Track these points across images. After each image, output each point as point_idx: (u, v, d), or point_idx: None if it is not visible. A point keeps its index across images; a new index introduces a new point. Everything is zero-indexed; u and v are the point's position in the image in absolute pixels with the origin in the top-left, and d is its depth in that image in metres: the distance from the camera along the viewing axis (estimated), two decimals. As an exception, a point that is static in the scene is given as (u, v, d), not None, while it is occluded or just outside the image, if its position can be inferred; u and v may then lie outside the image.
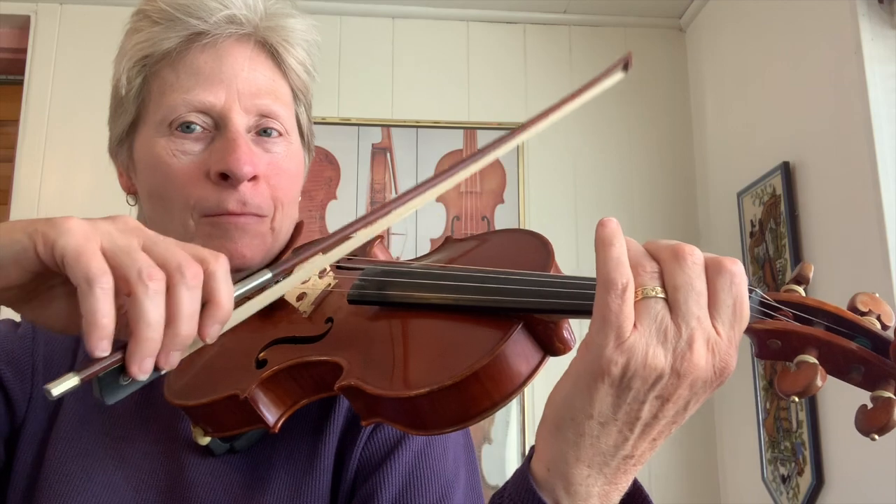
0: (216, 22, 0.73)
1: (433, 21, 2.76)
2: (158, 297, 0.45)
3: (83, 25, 2.63)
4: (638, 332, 0.46)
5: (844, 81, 1.86)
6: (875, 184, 1.73)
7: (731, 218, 2.42)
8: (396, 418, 0.56)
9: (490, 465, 2.43)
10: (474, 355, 0.52)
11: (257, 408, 0.61)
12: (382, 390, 0.54)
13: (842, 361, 0.49)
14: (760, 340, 0.50)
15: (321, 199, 2.58)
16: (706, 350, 0.47)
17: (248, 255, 0.73)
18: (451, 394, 0.52)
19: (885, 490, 1.67)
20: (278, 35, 0.78)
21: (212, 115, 0.73)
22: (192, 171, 0.72)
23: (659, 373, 0.46)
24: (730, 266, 0.48)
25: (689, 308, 0.47)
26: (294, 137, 0.79)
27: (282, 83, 0.79)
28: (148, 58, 0.75)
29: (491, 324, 0.55)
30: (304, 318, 0.68)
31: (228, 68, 0.74)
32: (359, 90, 2.69)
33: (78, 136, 2.54)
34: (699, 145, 2.73)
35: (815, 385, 0.47)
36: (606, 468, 0.49)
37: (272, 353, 0.64)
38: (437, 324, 0.58)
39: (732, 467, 2.43)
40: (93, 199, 2.49)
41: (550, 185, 2.68)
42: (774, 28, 2.23)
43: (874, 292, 0.53)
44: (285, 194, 0.76)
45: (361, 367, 0.57)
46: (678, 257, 0.48)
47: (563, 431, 0.49)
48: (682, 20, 2.81)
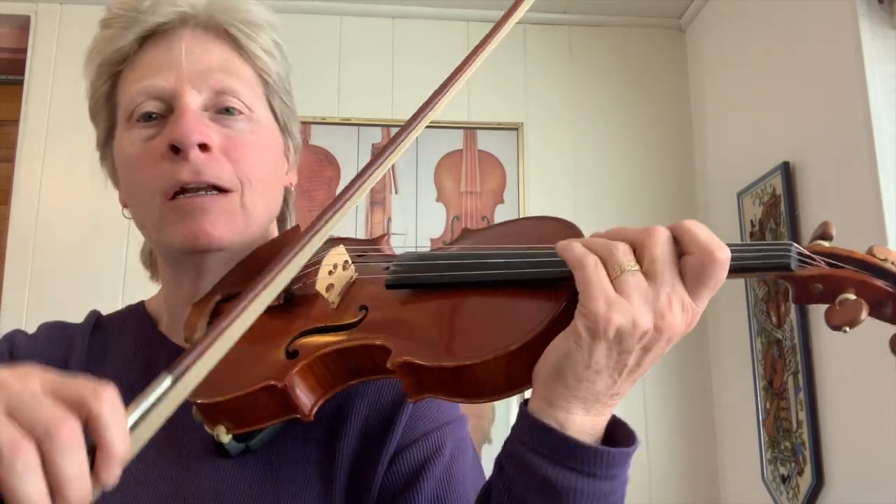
0: (166, 16, 0.75)
1: (433, 21, 2.76)
2: (31, 472, 0.39)
3: (83, 25, 2.62)
4: (623, 297, 0.54)
5: (844, 81, 1.86)
6: (875, 184, 1.73)
7: (731, 218, 2.42)
8: (450, 390, 0.59)
9: (490, 466, 2.43)
10: (535, 320, 0.57)
11: (294, 395, 0.62)
12: (440, 361, 0.57)
13: (874, 297, 0.57)
14: (802, 285, 0.58)
15: (321, 199, 2.58)
16: (681, 310, 0.55)
17: (215, 234, 0.71)
18: (514, 357, 0.56)
19: (885, 490, 1.67)
20: (232, 18, 0.77)
21: (164, 98, 0.73)
22: (150, 154, 0.72)
23: (644, 330, 0.54)
24: (690, 227, 0.56)
25: (665, 276, 0.55)
26: (261, 117, 0.78)
27: (241, 64, 0.77)
28: (108, 62, 0.77)
29: (542, 294, 0.59)
30: (331, 308, 0.68)
31: (178, 53, 0.74)
32: (359, 90, 2.69)
33: (78, 135, 2.53)
34: (699, 145, 2.73)
35: (861, 317, 0.56)
36: (598, 403, 0.57)
37: (303, 344, 0.65)
38: (485, 299, 0.61)
39: (732, 467, 2.43)
40: (93, 199, 2.49)
41: (550, 185, 2.68)
42: (774, 28, 2.23)
43: (886, 245, 0.64)
44: (252, 170, 0.74)
45: (411, 344, 0.59)
46: (650, 235, 0.56)
47: (563, 377, 0.56)
48: (682, 20, 2.81)
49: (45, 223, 2.50)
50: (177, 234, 0.72)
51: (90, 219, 2.48)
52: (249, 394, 0.63)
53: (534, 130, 2.72)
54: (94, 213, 2.47)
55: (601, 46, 2.80)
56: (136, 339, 0.82)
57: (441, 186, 2.67)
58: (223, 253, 0.74)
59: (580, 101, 2.75)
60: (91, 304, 1.02)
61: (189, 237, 0.71)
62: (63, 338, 0.82)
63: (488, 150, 2.69)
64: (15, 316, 2.41)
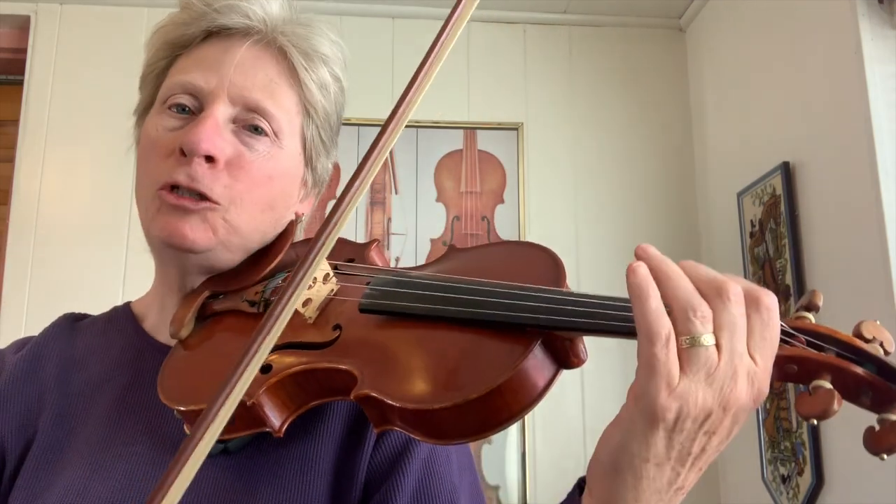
0: (234, 22, 0.76)
1: (433, 21, 2.76)
2: None
3: (83, 25, 2.63)
4: (687, 377, 0.48)
5: (844, 81, 1.86)
6: (875, 184, 1.73)
7: (731, 218, 2.42)
8: (413, 428, 0.56)
9: (490, 466, 2.43)
10: (497, 369, 0.53)
11: (263, 412, 0.62)
12: (402, 402, 0.55)
13: (852, 386, 0.52)
14: (778, 364, 0.52)
15: (321, 198, 2.58)
16: (747, 383, 0.49)
17: (190, 237, 0.72)
18: (473, 407, 0.53)
19: (885, 490, 1.67)
20: (296, 43, 0.78)
21: (199, 97, 0.74)
22: (165, 145, 0.74)
23: (708, 411, 0.48)
24: (766, 300, 0.50)
25: (734, 347, 0.48)
26: (287, 145, 0.78)
27: (286, 89, 0.78)
28: (172, 43, 0.79)
29: (510, 338, 0.56)
30: (308, 323, 0.67)
31: (230, 58, 0.75)
32: (359, 90, 2.68)
33: (78, 136, 2.54)
34: (699, 145, 2.72)
35: (833, 409, 0.50)
36: (661, 502, 0.51)
37: (277, 359, 0.64)
38: (454, 336, 0.59)
39: (732, 467, 2.43)
40: (93, 199, 2.49)
41: (550, 185, 2.68)
42: (774, 28, 2.23)
43: (876, 320, 0.56)
44: (247, 192, 0.74)
45: (376, 376, 0.58)
46: (722, 297, 0.49)
47: (621, 474, 0.50)
48: (681, 20, 2.81)
49: (45, 223, 2.50)
50: (158, 226, 0.73)
51: (90, 219, 2.48)
52: None
53: (534, 130, 2.71)
54: (94, 213, 2.47)
55: (601, 46, 2.80)
56: (122, 338, 0.82)
57: (441, 186, 2.67)
58: (204, 255, 0.74)
59: (580, 101, 2.75)
60: (91, 304, 1.02)
61: (166, 233, 0.72)
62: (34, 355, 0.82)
63: (488, 150, 2.69)
64: (15, 315, 2.41)
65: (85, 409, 0.76)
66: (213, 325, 0.74)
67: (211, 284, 0.77)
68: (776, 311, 0.50)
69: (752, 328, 0.50)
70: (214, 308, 0.75)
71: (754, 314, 0.50)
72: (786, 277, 2.06)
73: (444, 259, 0.72)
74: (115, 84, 2.33)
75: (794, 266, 2.02)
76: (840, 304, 1.75)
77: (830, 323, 0.56)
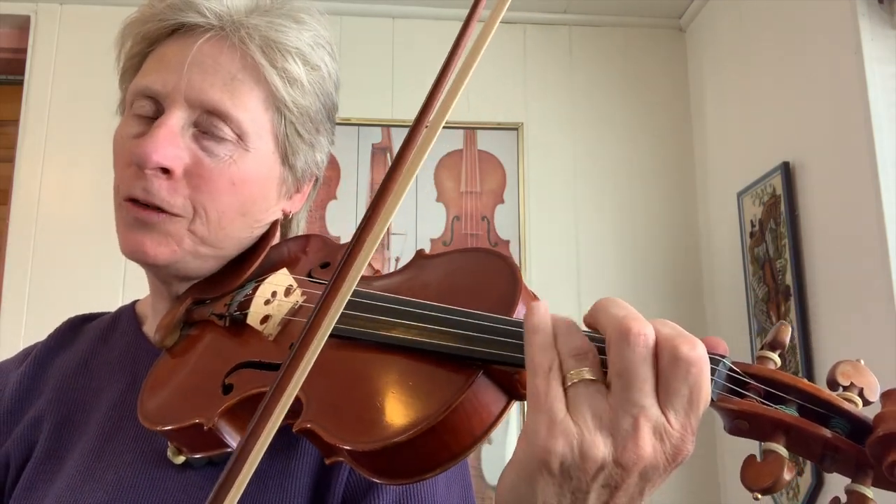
0: (195, 16, 0.72)
1: (433, 21, 2.76)
2: None
3: (83, 25, 2.63)
4: (571, 417, 0.43)
5: (844, 81, 1.86)
6: (875, 184, 1.73)
7: (731, 218, 2.42)
8: (357, 464, 0.53)
9: (490, 466, 2.43)
10: (431, 408, 0.50)
11: (222, 436, 0.61)
12: (337, 440, 0.52)
13: (813, 448, 0.45)
14: (728, 419, 0.46)
15: (321, 198, 2.58)
16: (653, 439, 0.43)
17: (151, 253, 0.69)
18: (405, 449, 0.50)
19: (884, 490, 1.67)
20: (255, 40, 0.72)
21: (158, 101, 0.71)
22: (126, 153, 0.71)
23: (599, 464, 0.43)
24: (686, 352, 0.43)
25: (629, 396, 0.43)
26: (255, 147, 0.72)
27: (251, 86, 0.71)
28: (143, 39, 0.75)
29: (453, 369, 0.52)
30: (269, 341, 0.65)
31: (188, 59, 0.70)
32: (359, 90, 2.69)
33: (78, 136, 2.54)
34: (699, 145, 2.73)
35: (782, 481, 0.43)
36: None
37: (238, 378, 0.63)
38: (398, 364, 0.56)
39: (733, 467, 2.43)
40: (92, 199, 2.49)
41: (550, 185, 2.68)
42: (774, 28, 2.23)
43: (859, 360, 0.47)
44: (211, 201, 0.70)
45: (319, 407, 0.55)
46: (622, 339, 0.44)
47: None
48: (681, 20, 2.81)
49: (45, 223, 2.50)
50: (122, 241, 0.72)
51: (90, 219, 2.48)
52: (184, 428, 0.61)
53: (534, 130, 2.72)
54: (94, 213, 2.47)
55: (601, 46, 2.80)
56: (123, 341, 0.82)
57: (441, 186, 2.66)
58: (173, 267, 0.72)
59: (580, 100, 2.75)
60: (91, 304, 1.02)
61: (129, 248, 0.71)
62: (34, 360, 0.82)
63: (488, 150, 2.69)
64: (15, 315, 2.41)
65: (85, 416, 0.76)
66: (198, 333, 0.73)
67: (195, 291, 0.75)
68: (700, 365, 0.44)
69: (664, 380, 0.44)
70: (198, 315, 0.74)
71: (668, 365, 0.44)
72: (786, 277, 2.06)
73: (411, 267, 0.68)
74: (115, 84, 2.32)
75: (794, 266, 2.02)
76: (840, 305, 1.75)
77: (828, 326, 0.51)
